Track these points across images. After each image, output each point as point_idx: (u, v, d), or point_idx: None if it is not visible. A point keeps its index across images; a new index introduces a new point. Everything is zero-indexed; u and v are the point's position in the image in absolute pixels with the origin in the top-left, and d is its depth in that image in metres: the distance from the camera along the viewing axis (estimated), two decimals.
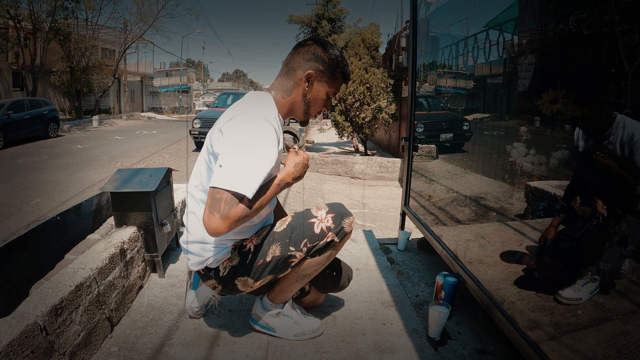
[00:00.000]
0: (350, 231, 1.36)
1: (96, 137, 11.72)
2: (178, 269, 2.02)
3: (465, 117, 2.22)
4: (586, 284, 1.07)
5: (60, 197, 4.82)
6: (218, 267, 1.32)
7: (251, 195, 1.10)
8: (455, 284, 1.62)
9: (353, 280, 1.68)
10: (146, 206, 1.79)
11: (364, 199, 5.37)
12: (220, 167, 1.11)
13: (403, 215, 2.54)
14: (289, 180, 1.24)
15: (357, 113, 7.57)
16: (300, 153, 1.28)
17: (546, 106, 1.24)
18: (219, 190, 1.09)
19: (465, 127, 2.14)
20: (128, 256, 1.68)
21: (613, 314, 1.00)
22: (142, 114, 23.30)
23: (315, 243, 1.32)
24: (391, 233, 3.57)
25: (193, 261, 1.33)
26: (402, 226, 2.55)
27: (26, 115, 10.37)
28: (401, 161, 6.42)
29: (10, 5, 13.71)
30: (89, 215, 2.10)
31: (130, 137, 11.82)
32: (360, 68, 7.48)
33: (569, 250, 1.17)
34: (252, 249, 1.31)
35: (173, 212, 2.12)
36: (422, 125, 2.79)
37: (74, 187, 5.33)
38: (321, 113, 1.39)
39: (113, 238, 1.66)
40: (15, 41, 14.54)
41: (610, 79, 1.03)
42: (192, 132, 8.94)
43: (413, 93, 2.44)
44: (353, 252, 2.30)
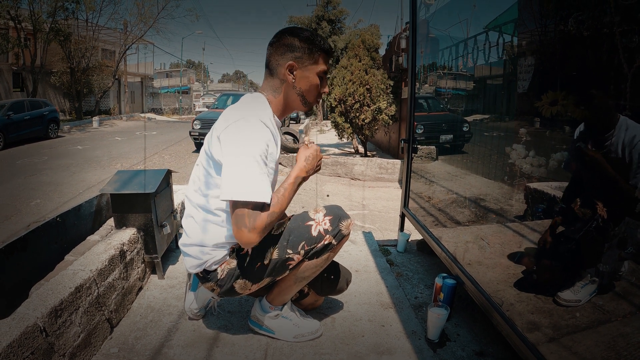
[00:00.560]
0: (348, 234, 1.36)
1: (96, 138, 11.73)
2: (178, 271, 2.02)
3: (465, 119, 2.22)
4: (585, 286, 1.07)
5: (60, 198, 4.82)
6: (216, 270, 1.32)
7: (269, 199, 1.11)
8: (454, 286, 1.62)
9: (352, 282, 1.67)
10: (146, 208, 1.79)
11: (364, 200, 5.36)
12: (228, 177, 1.11)
13: (402, 216, 2.54)
14: (304, 174, 1.25)
15: (357, 114, 7.57)
16: (310, 146, 1.27)
17: (546, 108, 1.24)
18: (237, 202, 1.11)
19: (465, 129, 2.14)
20: (128, 258, 1.68)
21: (612, 316, 1.00)
22: (142, 115, 23.29)
23: (312, 246, 1.32)
24: (391, 234, 3.57)
25: (191, 264, 1.34)
26: (402, 228, 2.55)
27: (26, 116, 10.38)
28: (401, 162, 6.41)
29: (10, 5, 13.73)
30: (89, 216, 2.10)
31: (130, 138, 11.82)
32: (360, 69, 7.47)
33: (568, 252, 1.17)
34: (250, 252, 1.31)
35: (173, 214, 2.12)
36: (422, 126, 2.78)
37: (74, 188, 5.33)
38: (321, 97, 1.36)
39: (113, 239, 1.66)
40: (15, 42, 14.56)
41: (609, 81, 1.03)
42: (192, 133, 8.94)
43: (412, 94, 2.45)
44: (352, 254, 2.30)
